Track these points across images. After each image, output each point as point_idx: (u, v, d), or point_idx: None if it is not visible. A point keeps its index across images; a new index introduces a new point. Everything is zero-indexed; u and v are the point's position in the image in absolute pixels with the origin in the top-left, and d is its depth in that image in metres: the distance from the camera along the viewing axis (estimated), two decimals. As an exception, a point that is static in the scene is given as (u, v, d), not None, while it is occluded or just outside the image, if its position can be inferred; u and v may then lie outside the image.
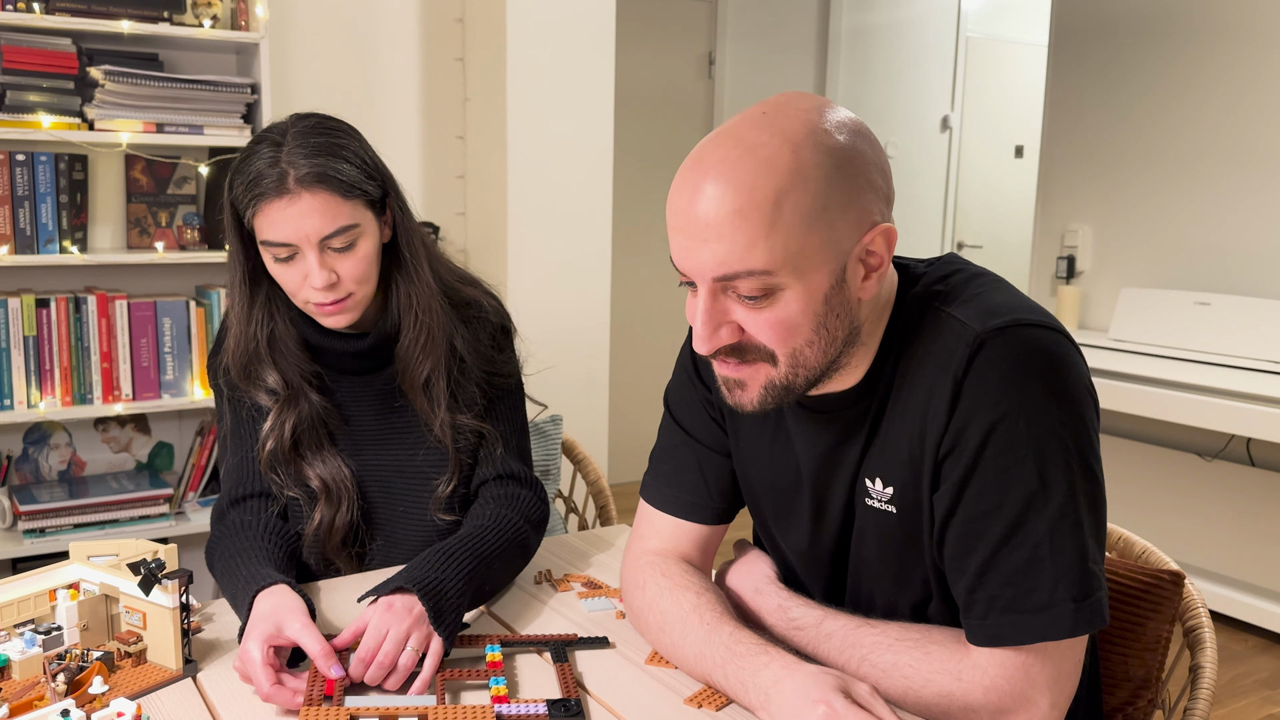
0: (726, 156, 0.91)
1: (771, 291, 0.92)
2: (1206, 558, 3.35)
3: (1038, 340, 0.95)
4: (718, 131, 0.94)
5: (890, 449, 1.02)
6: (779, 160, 0.90)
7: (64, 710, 0.92)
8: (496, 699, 1.02)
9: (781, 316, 0.93)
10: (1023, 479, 0.93)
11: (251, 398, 1.37)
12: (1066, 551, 0.92)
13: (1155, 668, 1.23)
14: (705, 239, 0.91)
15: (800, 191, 0.90)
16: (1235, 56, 3.30)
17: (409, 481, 1.40)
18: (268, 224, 1.25)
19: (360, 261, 1.29)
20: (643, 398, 4.57)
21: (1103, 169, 3.69)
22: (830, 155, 0.91)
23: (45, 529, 2.38)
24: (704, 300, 0.93)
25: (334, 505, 1.35)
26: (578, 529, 1.87)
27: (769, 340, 0.94)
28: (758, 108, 0.94)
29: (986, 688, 0.95)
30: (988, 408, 0.93)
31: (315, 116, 1.31)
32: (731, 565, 1.24)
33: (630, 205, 4.30)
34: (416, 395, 1.39)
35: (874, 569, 1.08)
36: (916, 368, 0.99)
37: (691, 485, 1.20)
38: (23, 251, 2.32)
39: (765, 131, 0.91)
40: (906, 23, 5.04)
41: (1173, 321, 3.32)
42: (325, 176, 1.24)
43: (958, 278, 1.02)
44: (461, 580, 1.19)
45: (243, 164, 1.28)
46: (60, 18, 2.26)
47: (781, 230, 0.90)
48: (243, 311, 1.34)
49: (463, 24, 3.00)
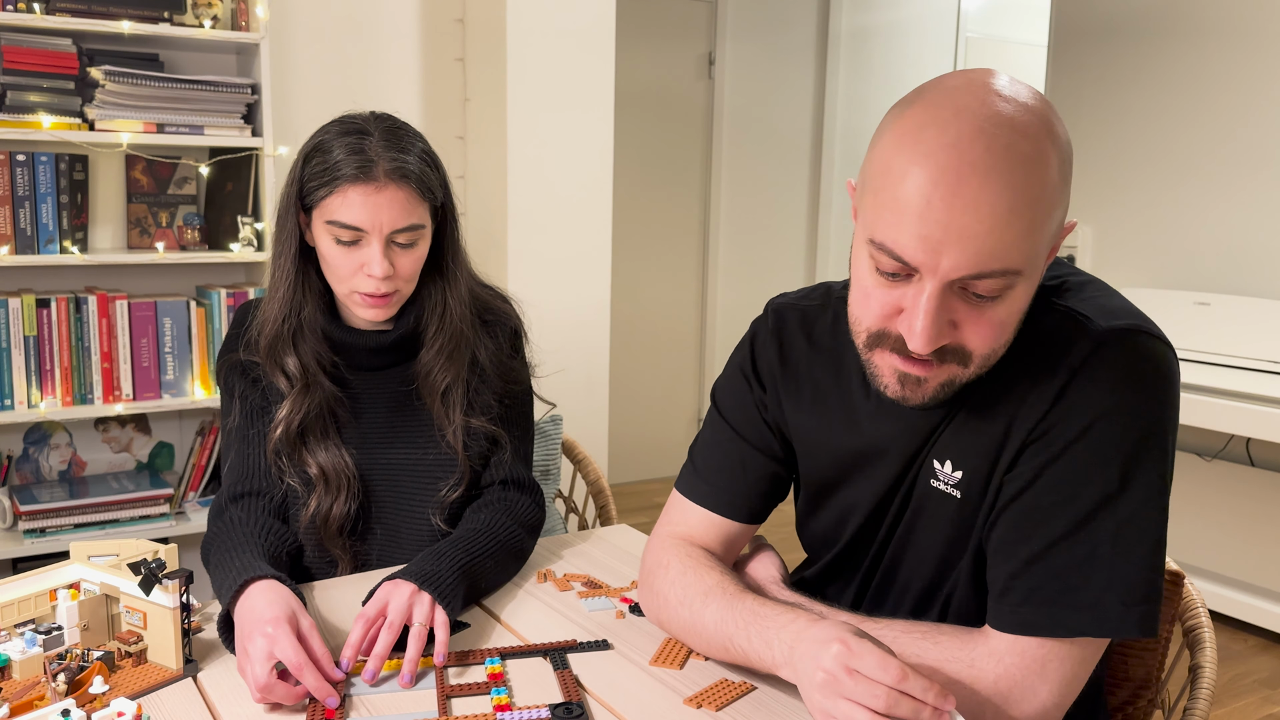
0: (993, 146, 0.85)
1: (1005, 290, 0.89)
2: (1206, 558, 3.35)
3: (1154, 350, 0.96)
4: (952, 111, 0.87)
5: (970, 434, 1.01)
6: (1048, 153, 0.87)
7: (64, 710, 0.92)
8: (499, 708, 1.02)
9: (1004, 316, 0.91)
10: (1104, 479, 0.93)
11: (269, 379, 1.38)
12: (1127, 556, 0.92)
13: (1155, 668, 1.23)
14: (965, 235, 0.85)
15: (1061, 189, 0.89)
16: (1235, 57, 3.30)
17: (417, 480, 1.41)
18: (344, 205, 1.28)
19: (416, 261, 1.35)
20: (643, 398, 4.57)
21: (1103, 169, 3.69)
22: (1068, 145, 0.90)
23: (45, 529, 2.38)
24: (934, 298, 0.88)
25: (331, 494, 1.36)
26: (578, 529, 1.87)
27: (981, 341, 0.92)
28: (981, 86, 0.88)
29: (999, 675, 0.94)
30: (1093, 403, 0.93)
31: (393, 118, 1.36)
32: (741, 562, 1.24)
33: (630, 205, 4.31)
34: (434, 401, 1.41)
35: (920, 552, 1.08)
36: (1020, 357, 0.98)
37: (730, 482, 1.20)
38: (23, 251, 2.32)
39: (1022, 116, 0.86)
40: (906, 23, 5.04)
41: (1173, 321, 3.32)
42: (409, 174, 1.30)
43: (1074, 279, 1.03)
44: (455, 571, 1.22)
45: (320, 147, 1.32)
46: (60, 18, 2.26)
47: (1042, 229, 0.88)
48: (285, 290, 1.36)
49: (463, 24, 3.00)
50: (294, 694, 1.03)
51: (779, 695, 1.06)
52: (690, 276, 4.74)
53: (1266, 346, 3.06)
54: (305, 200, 1.33)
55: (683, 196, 4.64)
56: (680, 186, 4.63)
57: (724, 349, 4.76)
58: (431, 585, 1.17)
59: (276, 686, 1.02)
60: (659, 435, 4.66)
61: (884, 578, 1.13)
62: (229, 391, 1.43)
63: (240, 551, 1.23)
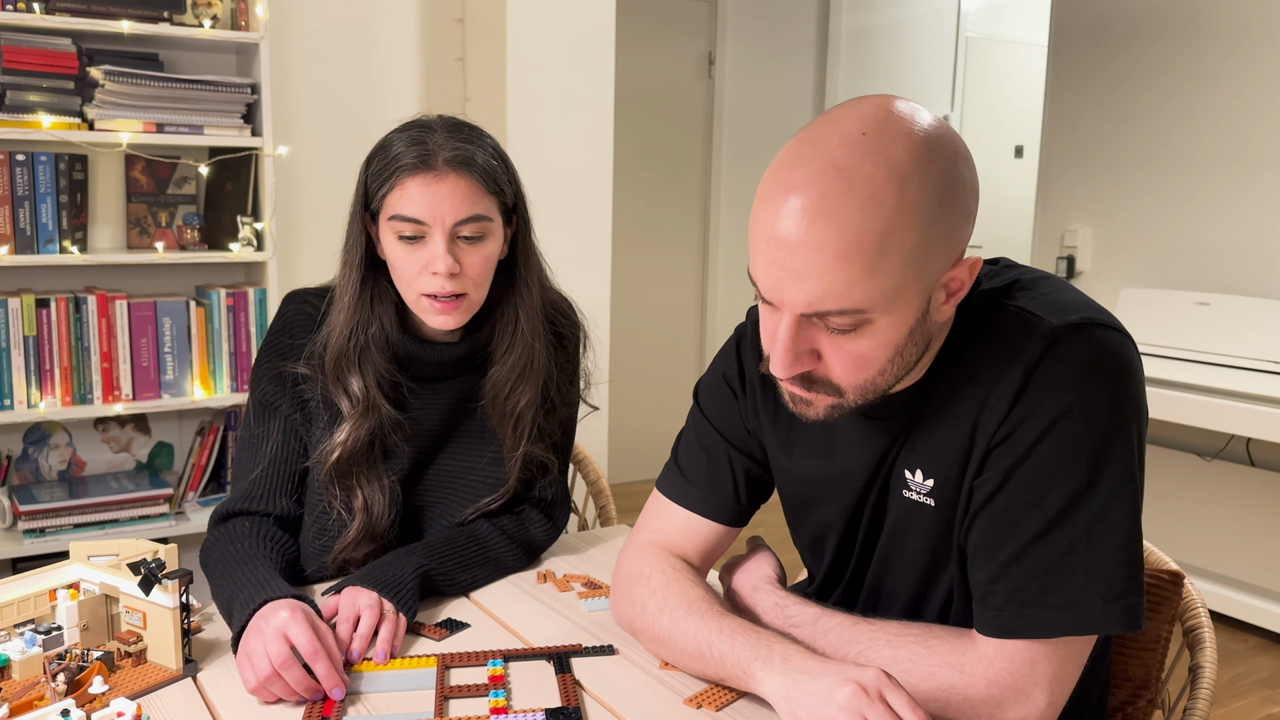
0: (829, 190, 0.86)
1: (860, 325, 0.90)
2: (1206, 558, 3.35)
3: (1110, 342, 0.95)
4: (812, 148, 0.88)
5: (936, 441, 1.01)
6: (885, 199, 0.86)
7: (64, 710, 0.92)
8: (495, 710, 1.02)
9: (864, 350, 0.92)
10: (1072, 476, 0.93)
11: (325, 395, 1.33)
12: (1103, 551, 0.92)
13: (1155, 668, 1.23)
14: (800, 275, 0.87)
15: (905, 232, 0.87)
16: (1234, 56, 3.30)
17: (459, 493, 1.40)
18: (405, 198, 1.24)
19: (484, 260, 1.29)
20: (643, 398, 4.57)
21: (1103, 169, 3.69)
22: (935, 190, 0.88)
23: (45, 529, 2.38)
24: (788, 329, 0.91)
25: (369, 526, 1.33)
26: (578, 529, 1.87)
27: (843, 373, 0.93)
28: (854, 123, 0.89)
29: (990, 680, 0.94)
30: (1053, 401, 0.93)
31: (460, 120, 1.32)
32: (736, 560, 1.24)
33: (630, 205, 4.31)
34: (504, 425, 1.37)
35: (904, 563, 1.08)
36: (979, 361, 0.98)
37: (714, 484, 1.19)
38: (23, 251, 2.32)
39: (870, 160, 0.86)
40: (906, 23, 5.04)
41: (1173, 321, 3.32)
42: (472, 162, 1.25)
43: (1025, 277, 1.02)
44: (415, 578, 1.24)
45: (384, 147, 1.28)
46: (60, 18, 2.26)
47: (881, 272, 0.87)
48: (353, 297, 1.31)
49: (463, 24, 3.00)
50: (300, 682, 1.02)
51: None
52: (690, 276, 4.74)
53: (1266, 346, 3.06)
54: (370, 205, 1.29)
55: (683, 196, 4.64)
56: (680, 186, 4.63)
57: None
58: (391, 592, 1.20)
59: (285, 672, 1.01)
60: (659, 435, 4.64)
61: (871, 593, 1.13)
62: (268, 405, 1.36)
63: (254, 566, 1.20)
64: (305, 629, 1.04)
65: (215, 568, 1.24)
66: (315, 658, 1.03)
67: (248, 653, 1.04)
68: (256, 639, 1.04)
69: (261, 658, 1.02)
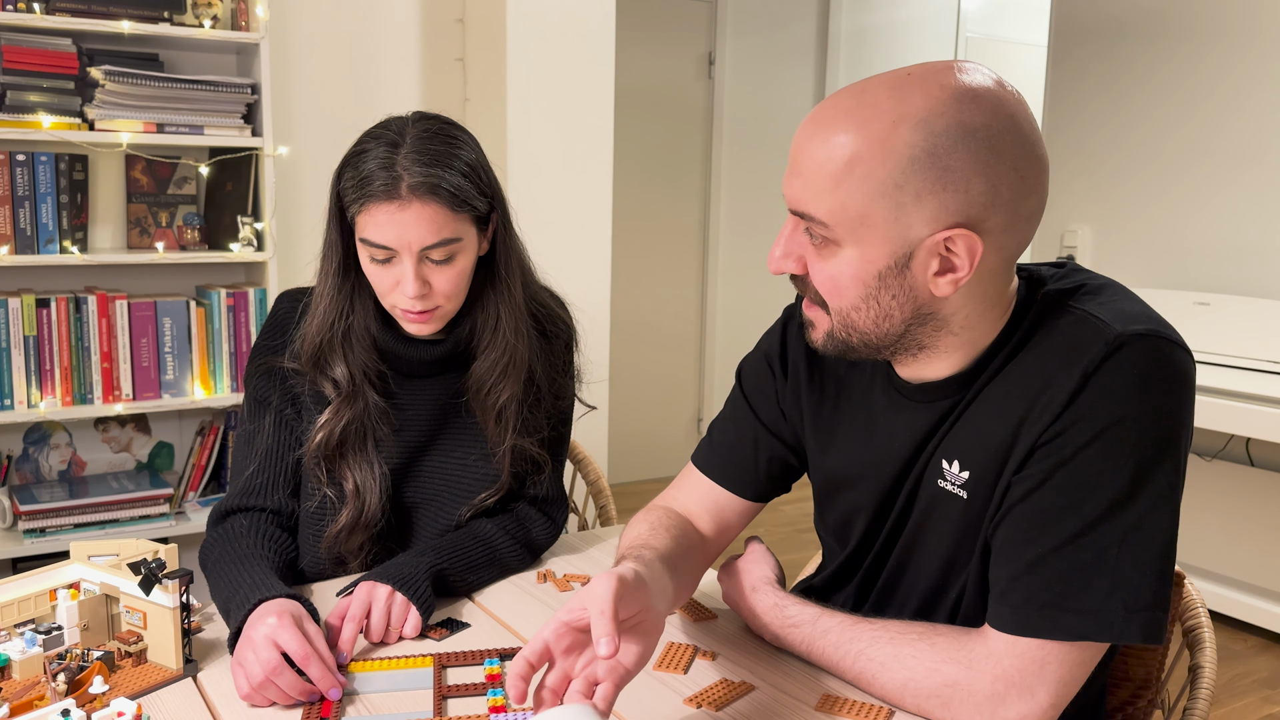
0: (840, 105, 0.93)
1: (829, 243, 0.95)
2: (1206, 558, 3.35)
3: (1173, 357, 0.95)
4: (866, 79, 0.96)
5: (977, 433, 1.01)
6: (873, 126, 0.90)
7: (64, 710, 0.92)
8: (494, 709, 1.02)
9: (833, 273, 0.96)
10: (1114, 484, 0.92)
11: (311, 387, 1.35)
12: (1133, 562, 0.92)
13: (1155, 668, 1.23)
14: (794, 172, 0.95)
15: (876, 162, 0.90)
16: (1235, 57, 3.30)
17: (452, 490, 1.40)
18: (372, 225, 1.25)
19: (455, 276, 1.29)
20: (643, 398, 4.57)
21: (1102, 169, 3.69)
22: (929, 141, 0.89)
23: (45, 529, 2.38)
24: (787, 226, 0.98)
25: (361, 511, 1.34)
26: (578, 529, 1.87)
27: (821, 289, 0.98)
28: (920, 67, 0.94)
29: (997, 676, 0.94)
30: (1108, 408, 0.93)
31: (437, 121, 1.30)
32: (734, 561, 1.24)
33: (630, 205, 4.30)
34: (487, 418, 1.38)
35: (926, 553, 1.08)
36: (1035, 358, 0.98)
37: (740, 458, 1.22)
38: (23, 251, 2.32)
39: (890, 95, 0.91)
40: (906, 23, 5.04)
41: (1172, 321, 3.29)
42: (438, 189, 1.23)
43: (1092, 282, 1.02)
44: (428, 576, 1.25)
45: (355, 158, 1.27)
46: (60, 18, 2.26)
47: (845, 191, 0.91)
48: (330, 299, 1.33)
49: (463, 24, 3.00)
50: (293, 686, 1.02)
51: (779, 695, 1.06)
52: (690, 276, 4.74)
53: (1266, 346, 3.06)
54: (345, 214, 1.30)
55: (683, 196, 4.64)
56: (680, 186, 4.63)
57: (724, 349, 4.76)
58: (409, 588, 1.20)
59: (276, 678, 1.01)
60: (659, 435, 4.66)
61: (891, 578, 1.13)
62: (260, 400, 1.38)
63: (250, 565, 1.21)
64: (294, 633, 1.04)
65: (214, 568, 1.25)
66: (307, 661, 1.03)
67: (240, 661, 1.05)
68: (247, 647, 1.04)
69: (253, 665, 1.02)
